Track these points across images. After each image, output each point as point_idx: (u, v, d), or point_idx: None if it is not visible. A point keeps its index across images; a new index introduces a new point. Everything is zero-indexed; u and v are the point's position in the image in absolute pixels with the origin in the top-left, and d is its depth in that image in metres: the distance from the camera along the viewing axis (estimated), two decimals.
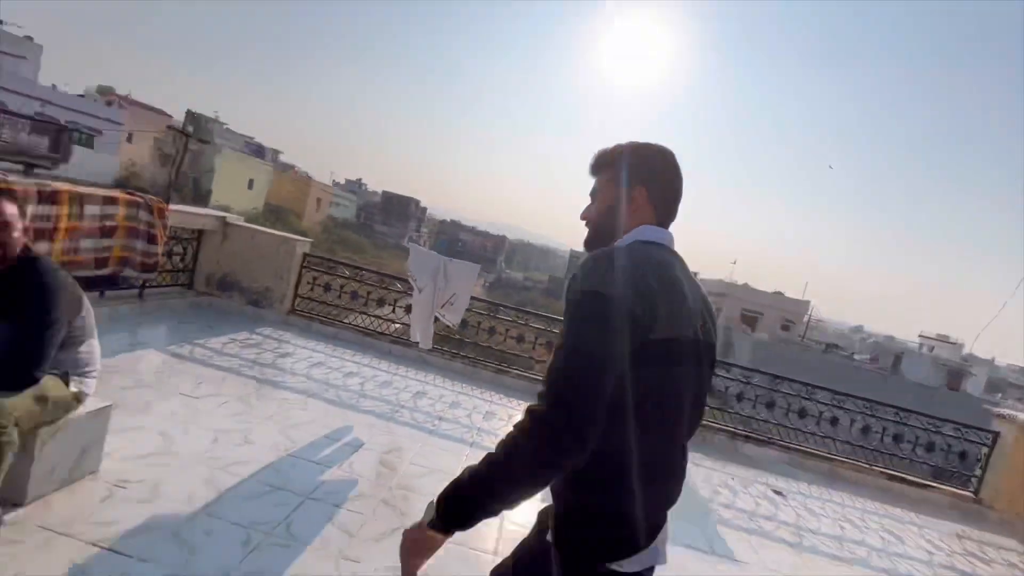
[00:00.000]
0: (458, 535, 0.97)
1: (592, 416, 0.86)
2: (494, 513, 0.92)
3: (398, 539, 1.00)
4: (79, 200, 3.69)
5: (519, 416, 0.91)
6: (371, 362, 4.84)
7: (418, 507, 2.62)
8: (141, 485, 2.26)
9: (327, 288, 5.45)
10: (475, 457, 0.94)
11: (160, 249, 4.46)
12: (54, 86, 26.48)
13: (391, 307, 5.37)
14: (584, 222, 1.19)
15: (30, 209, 3.25)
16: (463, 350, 5.48)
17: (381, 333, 5.35)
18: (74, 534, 1.88)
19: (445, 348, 5.33)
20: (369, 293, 5.42)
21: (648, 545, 0.98)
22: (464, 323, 5.07)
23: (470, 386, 4.86)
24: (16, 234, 1.85)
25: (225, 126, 43.61)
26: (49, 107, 23.15)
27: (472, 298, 4.64)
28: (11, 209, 1.86)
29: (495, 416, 4.31)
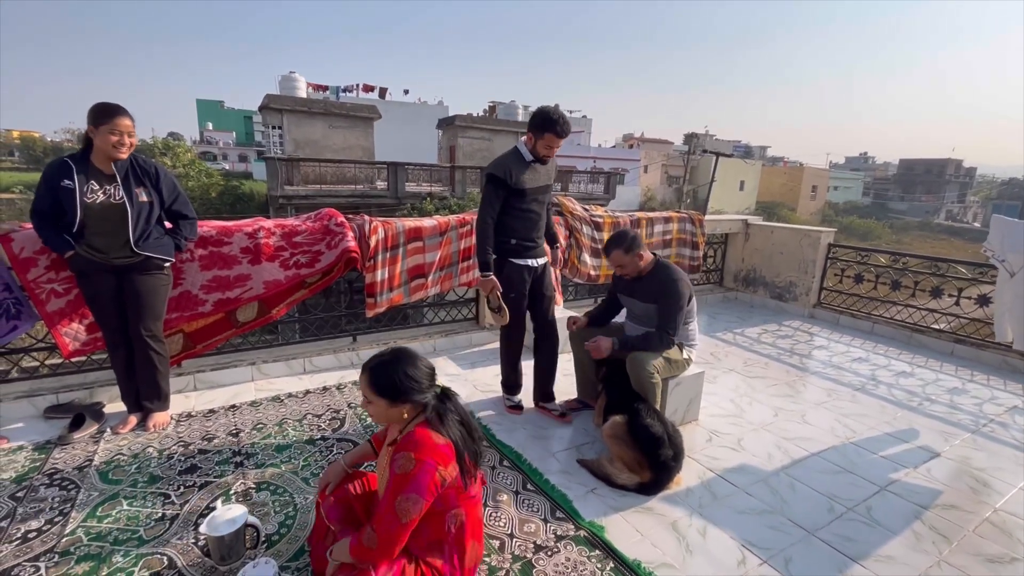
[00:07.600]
0: None
1: None
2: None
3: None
4: (650, 222, 5.04)
5: None
6: (927, 363, 4.11)
7: None
8: (729, 437, 2.87)
9: (858, 279, 5.02)
10: None
11: (701, 253, 5.42)
12: (599, 145, 36.44)
13: (953, 298, 4.35)
14: None
15: (659, 227, 5.00)
16: None
17: (940, 330, 4.44)
18: (696, 459, 2.62)
19: None
20: (917, 283, 4.60)
21: None
22: None
23: None
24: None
25: (714, 137, 47.16)
26: (598, 161, 31.99)
27: None
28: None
29: None
